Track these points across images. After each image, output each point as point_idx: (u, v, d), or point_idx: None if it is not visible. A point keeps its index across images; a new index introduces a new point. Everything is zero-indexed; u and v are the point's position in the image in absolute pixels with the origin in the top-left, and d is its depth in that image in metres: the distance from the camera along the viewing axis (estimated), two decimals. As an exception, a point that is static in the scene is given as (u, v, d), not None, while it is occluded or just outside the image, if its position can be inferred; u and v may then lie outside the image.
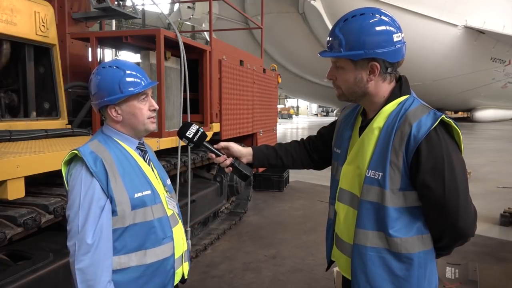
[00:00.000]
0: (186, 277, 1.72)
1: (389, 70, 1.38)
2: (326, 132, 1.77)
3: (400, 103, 1.39)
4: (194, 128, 1.65)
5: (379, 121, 1.39)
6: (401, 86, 1.41)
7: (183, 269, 1.69)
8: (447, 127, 1.33)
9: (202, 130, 1.66)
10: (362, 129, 1.48)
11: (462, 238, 1.37)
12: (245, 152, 1.72)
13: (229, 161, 1.67)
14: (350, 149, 1.51)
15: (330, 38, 1.40)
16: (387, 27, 1.34)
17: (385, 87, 1.41)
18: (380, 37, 1.32)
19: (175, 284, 1.65)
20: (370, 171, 1.37)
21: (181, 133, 1.66)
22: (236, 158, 1.70)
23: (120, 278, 1.47)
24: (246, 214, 5.80)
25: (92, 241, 1.38)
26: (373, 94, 1.41)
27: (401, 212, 1.35)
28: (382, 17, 1.35)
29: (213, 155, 1.68)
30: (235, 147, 1.70)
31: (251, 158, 1.72)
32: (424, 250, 1.38)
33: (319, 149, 1.77)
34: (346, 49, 1.35)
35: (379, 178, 1.34)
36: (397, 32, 1.35)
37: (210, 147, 1.68)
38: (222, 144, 1.70)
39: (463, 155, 1.36)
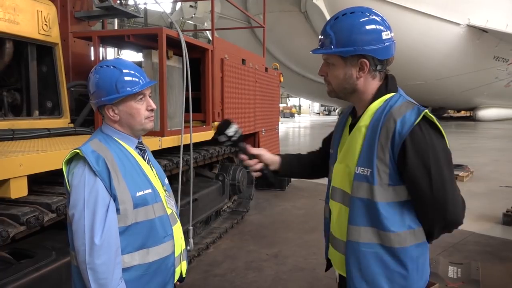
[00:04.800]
0: (184, 275, 1.74)
1: (378, 67, 1.41)
2: (327, 139, 1.79)
3: (386, 100, 1.41)
4: (235, 127, 1.67)
5: (366, 119, 1.43)
6: (387, 84, 1.44)
7: (181, 268, 1.71)
8: (431, 122, 1.35)
9: (241, 130, 1.68)
10: (351, 127, 1.51)
11: (451, 229, 1.40)
12: (274, 160, 1.76)
13: (259, 166, 1.70)
14: (340, 148, 1.54)
15: (322, 36, 1.44)
16: (377, 25, 1.38)
17: (374, 84, 1.44)
18: (370, 35, 1.36)
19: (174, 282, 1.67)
20: (359, 168, 1.40)
21: (221, 130, 1.67)
22: (266, 165, 1.73)
23: (124, 277, 1.47)
24: (248, 213, 5.80)
25: (101, 241, 1.39)
26: (362, 91, 1.45)
27: (392, 207, 1.37)
28: (372, 15, 1.39)
29: (246, 157, 1.70)
30: (266, 154, 1.74)
31: (278, 167, 1.77)
32: (417, 243, 1.40)
33: (324, 157, 1.80)
34: (336, 46, 1.39)
35: (368, 174, 1.37)
36: (386, 31, 1.39)
37: (246, 149, 1.70)
38: (255, 150, 1.73)
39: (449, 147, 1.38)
